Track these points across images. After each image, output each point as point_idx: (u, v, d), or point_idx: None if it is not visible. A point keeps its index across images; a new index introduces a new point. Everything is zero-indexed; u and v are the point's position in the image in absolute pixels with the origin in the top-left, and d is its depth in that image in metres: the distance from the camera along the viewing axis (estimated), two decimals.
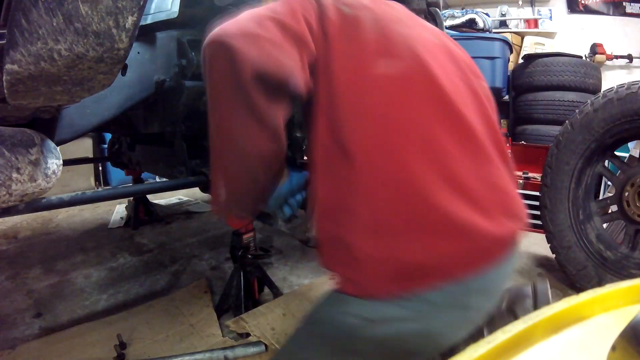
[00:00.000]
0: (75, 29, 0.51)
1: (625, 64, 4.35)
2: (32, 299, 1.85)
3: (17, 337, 1.55)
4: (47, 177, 0.79)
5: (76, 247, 2.47)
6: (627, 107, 1.58)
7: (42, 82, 0.57)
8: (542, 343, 0.37)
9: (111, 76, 0.63)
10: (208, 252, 2.38)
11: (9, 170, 0.71)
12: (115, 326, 1.56)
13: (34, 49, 0.52)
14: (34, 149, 0.75)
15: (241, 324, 1.56)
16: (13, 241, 2.61)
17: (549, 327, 0.38)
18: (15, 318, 1.68)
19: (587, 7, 4.46)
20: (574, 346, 0.37)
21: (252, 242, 1.71)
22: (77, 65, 0.55)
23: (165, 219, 2.98)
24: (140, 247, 2.48)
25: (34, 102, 0.63)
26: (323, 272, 0.56)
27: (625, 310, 0.41)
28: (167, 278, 2.06)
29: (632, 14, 4.32)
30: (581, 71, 3.30)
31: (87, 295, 1.88)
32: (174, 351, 1.43)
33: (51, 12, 0.50)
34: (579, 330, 0.39)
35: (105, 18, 0.52)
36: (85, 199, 1.01)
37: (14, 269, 2.16)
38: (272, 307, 1.69)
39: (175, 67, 1.15)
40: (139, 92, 1.07)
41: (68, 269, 2.16)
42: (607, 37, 4.30)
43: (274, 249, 2.41)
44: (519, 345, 0.36)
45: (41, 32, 0.51)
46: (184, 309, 1.69)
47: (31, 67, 0.53)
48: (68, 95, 0.63)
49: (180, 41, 1.13)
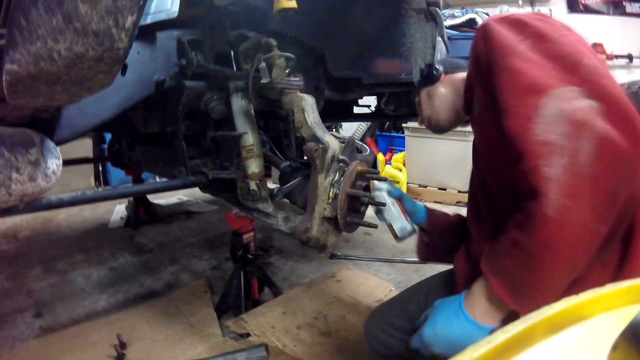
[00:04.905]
0: (74, 29, 0.51)
1: (626, 64, 4.34)
2: (32, 298, 1.85)
3: (16, 337, 1.55)
4: (47, 177, 0.79)
5: (76, 247, 2.47)
6: None
7: (41, 82, 0.57)
8: (542, 343, 0.37)
9: (111, 76, 0.63)
10: (208, 252, 2.38)
11: (9, 170, 0.71)
12: (115, 326, 1.56)
13: (34, 49, 0.52)
14: (34, 149, 0.75)
15: (241, 324, 1.57)
16: (13, 241, 2.61)
17: (549, 327, 0.38)
18: (15, 318, 1.68)
19: (587, 6, 4.45)
20: (574, 346, 0.37)
21: (252, 242, 1.71)
22: (76, 65, 0.55)
23: (165, 219, 2.98)
24: (140, 247, 2.48)
25: (33, 101, 0.63)
26: (322, 271, 0.55)
27: (625, 310, 0.41)
28: (167, 278, 2.06)
29: (632, 14, 4.32)
30: None
31: (87, 295, 1.88)
32: (174, 351, 1.43)
33: (51, 12, 0.50)
34: (579, 330, 0.39)
35: (104, 17, 0.52)
36: (85, 199, 1.00)
37: (14, 268, 2.16)
38: (272, 306, 1.69)
39: (175, 67, 1.14)
40: (138, 92, 1.06)
41: (68, 269, 2.16)
42: (607, 37, 4.29)
43: (274, 249, 2.41)
44: (519, 345, 0.36)
45: (41, 32, 0.51)
46: (184, 308, 1.69)
47: (31, 67, 0.53)
48: (68, 95, 0.63)
49: (180, 41, 1.13)
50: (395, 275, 2.04)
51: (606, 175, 0.54)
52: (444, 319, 0.68)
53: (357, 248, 2.41)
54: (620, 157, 0.54)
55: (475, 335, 0.65)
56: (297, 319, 1.61)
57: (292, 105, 0.99)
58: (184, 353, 1.42)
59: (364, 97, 1.89)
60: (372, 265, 2.16)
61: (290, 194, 1.09)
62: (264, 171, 1.19)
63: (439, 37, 1.53)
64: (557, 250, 0.57)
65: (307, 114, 0.97)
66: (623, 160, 0.54)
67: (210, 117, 1.19)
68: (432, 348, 0.69)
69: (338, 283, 1.92)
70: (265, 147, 1.24)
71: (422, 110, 1.02)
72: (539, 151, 0.56)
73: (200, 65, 1.14)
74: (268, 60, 1.02)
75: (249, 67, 1.10)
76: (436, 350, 0.68)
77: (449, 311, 0.68)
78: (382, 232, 2.62)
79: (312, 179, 0.94)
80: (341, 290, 1.84)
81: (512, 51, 0.65)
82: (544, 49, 0.64)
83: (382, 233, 2.60)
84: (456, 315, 0.67)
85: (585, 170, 0.54)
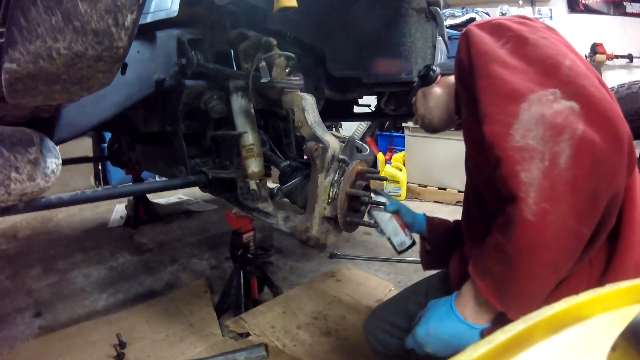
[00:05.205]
0: (74, 28, 0.51)
1: (626, 64, 4.34)
2: (31, 298, 1.85)
3: (16, 337, 1.55)
4: (46, 177, 0.79)
5: (76, 247, 2.47)
6: (628, 107, 1.58)
7: (41, 81, 0.57)
8: (542, 343, 0.37)
9: (110, 75, 0.63)
10: (208, 251, 2.38)
11: (8, 170, 0.71)
12: (115, 325, 1.56)
13: (33, 48, 0.52)
14: (33, 148, 0.75)
15: (241, 324, 1.57)
16: (13, 240, 2.60)
17: (549, 327, 0.38)
18: (15, 317, 1.68)
19: (587, 6, 4.45)
20: (574, 346, 0.37)
21: (252, 241, 1.71)
22: (76, 64, 0.55)
23: (165, 219, 2.98)
24: (140, 246, 2.48)
25: (32, 101, 0.63)
26: (322, 271, 0.55)
27: (625, 310, 0.41)
28: (167, 277, 2.06)
29: (632, 14, 4.32)
30: None
31: (87, 295, 1.88)
32: (174, 350, 1.43)
33: (50, 11, 0.50)
34: (579, 330, 0.39)
35: (104, 16, 0.52)
36: (85, 198, 1.00)
37: (13, 268, 2.16)
38: (271, 306, 1.69)
39: (175, 66, 1.14)
40: (138, 91, 1.06)
41: (68, 268, 2.16)
42: (607, 37, 4.29)
43: (274, 249, 2.41)
44: (519, 345, 0.36)
45: (40, 31, 0.51)
46: (184, 308, 1.69)
47: (30, 66, 0.53)
48: (67, 94, 0.63)
49: (180, 40, 1.13)
50: (395, 275, 2.04)
51: (586, 178, 0.54)
52: (436, 318, 0.70)
53: (357, 248, 2.41)
54: (600, 159, 0.54)
55: (467, 335, 0.66)
56: (297, 319, 1.61)
57: (292, 105, 0.99)
58: (183, 353, 1.42)
59: (364, 97, 1.89)
60: (372, 265, 2.16)
61: (290, 193, 1.09)
62: (264, 171, 1.19)
63: (439, 37, 1.53)
64: (537, 253, 0.58)
65: (307, 114, 0.97)
66: (603, 162, 0.55)
67: (210, 116, 1.19)
68: (425, 347, 0.70)
69: (338, 283, 1.92)
70: (265, 146, 1.24)
71: (417, 110, 1.04)
72: (518, 157, 0.57)
73: (200, 64, 1.14)
74: (268, 59, 1.02)
75: (249, 66, 1.10)
76: (429, 350, 0.69)
77: (441, 311, 0.70)
78: None
79: (312, 178, 0.94)
80: (341, 290, 1.84)
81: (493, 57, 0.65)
82: (524, 53, 0.64)
83: None
84: (448, 316, 0.68)
85: (565, 173, 0.54)
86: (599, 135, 0.54)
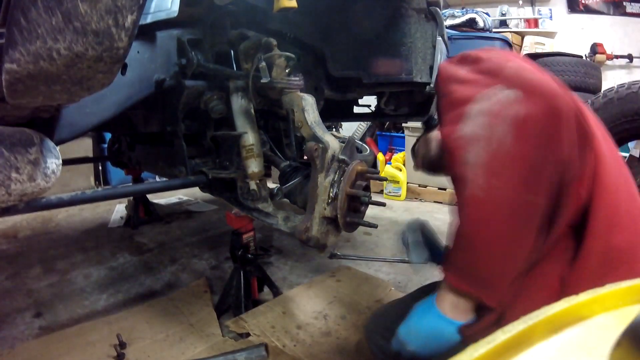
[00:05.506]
0: (74, 28, 0.51)
1: (626, 64, 4.34)
2: (31, 298, 1.85)
3: (16, 337, 1.55)
4: (47, 177, 0.79)
5: (76, 247, 2.47)
6: (628, 107, 1.58)
7: (41, 81, 0.57)
8: (542, 343, 0.37)
9: (110, 75, 0.63)
10: (208, 251, 2.38)
11: (8, 170, 0.71)
12: (115, 326, 1.56)
13: (33, 48, 0.52)
14: (33, 149, 0.75)
15: (241, 324, 1.56)
16: (13, 241, 2.60)
17: (549, 327, 0.38)
18: (15, 317, 1.68)
19: (587, 6, 4.45)
20: (574, 346, 0.37)
21: (251, 241, 1.71)
22: (76, 65, 0.55)
23: (165, 219, 2.98)
24: (140, 246, 2.48)
25: (33, 101, 0.63)
26: (322, 271, 0.55)
27: (625, 310, 0.41)
28: (167, 278, 2.06)
29: (632, 14, 4.32)
30: (581, 71, 3.30)
31: (87, 295, 1.88)
32: (174, 350, 1.43)
33: (50, 11, 0.50)
34: (579, 330, 0.39)
35: (104, 17, 0.52)
36: (85, 198, 1.00)
37: (13, 268, 2.16)
38: (271, 306, 1.69)
39: (175, 67, 1.14)
40: (138, 92, 1.06)
41: (68, 269, 2.16)
42: (607, 37, 4.30)
43: (274, 249, 2.41)
44: (519, 345, 0.35)
45: (40, 31, 0.51)
46: (184, 308, 1.69)
47: (30, 66, 0.53)
48: (67, 95, 0.63)
49: (181, 40, 1.13)
50: (395, 275, 2.04)
51: (525, 148, 0.59)
52: (416, 315, 0.71)
53: (357, 248, 2.41)
54: (538, 132, 0.58)
55: (445, 330, 0.67)
56: (297, 319, 1.61)
57: (292, 105, 1.00)
58: (183, 353, 1.42)
59: (364, 97, 1.89)
60: (372, 265, 2.16)
61: (290, 193, 1.09)
62: (264, 171, 1.19)
63: (439, 37, 1.53)
64: (491, 226, 0.61)
65: (307, 114, 0.98)
66: (542, 133, 0.59)
67: (210, 116, 1.19)
68: (406, 346, 0.70)
69: (338, 283, 1.92)
70: (265, 146, 1.24)
71: (418, 153, 1.07)
72: (460, 144, 0.62)
73: (200, 64, 1.14)
74: (268, 59, 1.02)
75: (249, 66, 1.10)
76: (410, 348, 0.70)
77: (422, 308, 0.71)
78: (382, 232, 2.62)
79: (312, 178, 0.94)
80: (341, 290, 1.84)
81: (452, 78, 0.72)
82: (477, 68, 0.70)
83: (382, 233, 2.60)
84: (428, 312, 0.69)
85: (504, 148, 0.59)
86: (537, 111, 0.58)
